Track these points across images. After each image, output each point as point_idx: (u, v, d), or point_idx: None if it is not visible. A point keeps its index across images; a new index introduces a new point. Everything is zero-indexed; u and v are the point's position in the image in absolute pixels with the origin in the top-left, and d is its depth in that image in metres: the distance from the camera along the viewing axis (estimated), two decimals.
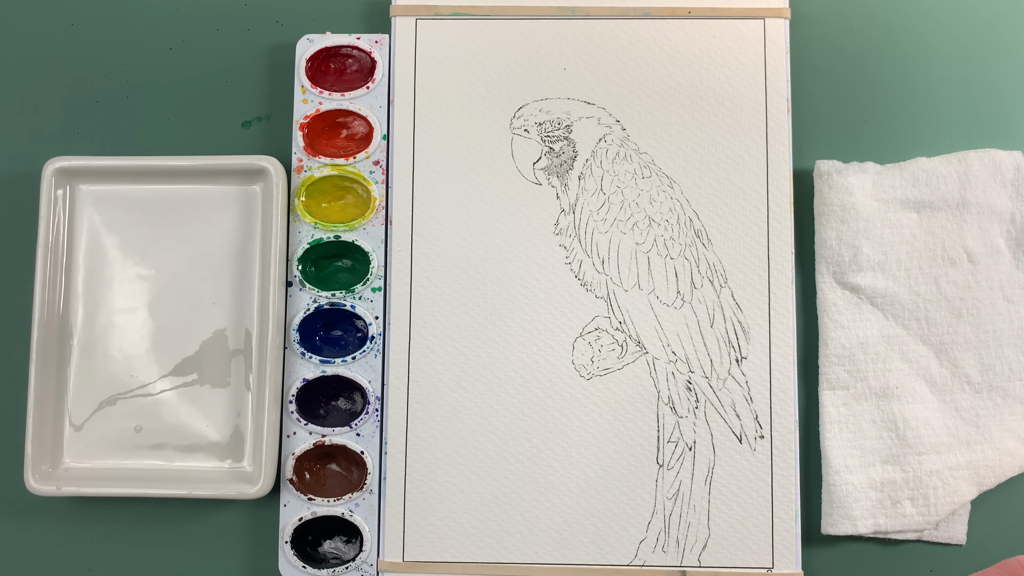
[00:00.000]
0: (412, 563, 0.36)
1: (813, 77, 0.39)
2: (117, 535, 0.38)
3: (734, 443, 0.36)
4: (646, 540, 0.36)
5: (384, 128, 0.38)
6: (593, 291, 0.37)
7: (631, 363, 0.37)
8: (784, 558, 0.35)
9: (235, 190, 0.38)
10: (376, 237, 0.38)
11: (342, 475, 0.37)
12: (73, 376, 0.38)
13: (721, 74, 0.37)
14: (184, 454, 0.37)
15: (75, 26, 0.40)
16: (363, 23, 0.39)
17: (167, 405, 0.37)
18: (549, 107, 0.37)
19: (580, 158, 0.37)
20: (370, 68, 0.38)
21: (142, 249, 0.38)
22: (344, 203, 0.38)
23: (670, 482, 0.36)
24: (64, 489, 0.36)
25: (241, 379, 0.37)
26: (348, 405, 0.38)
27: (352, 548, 0.37)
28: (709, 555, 0.36)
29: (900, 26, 0.39)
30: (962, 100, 0.38)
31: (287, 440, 0.37)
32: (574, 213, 0.37)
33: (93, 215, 0.38)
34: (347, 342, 0.38)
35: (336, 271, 0.38)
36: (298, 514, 0.36)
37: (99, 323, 0.38)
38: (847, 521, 0.35)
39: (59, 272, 0.37)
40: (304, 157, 0.38)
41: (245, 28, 0.40)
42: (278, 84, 0.39)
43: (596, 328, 0.37)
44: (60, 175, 0.37)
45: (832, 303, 0.37)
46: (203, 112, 0.39)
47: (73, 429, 0.37)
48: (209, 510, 0.38)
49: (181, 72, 0.40)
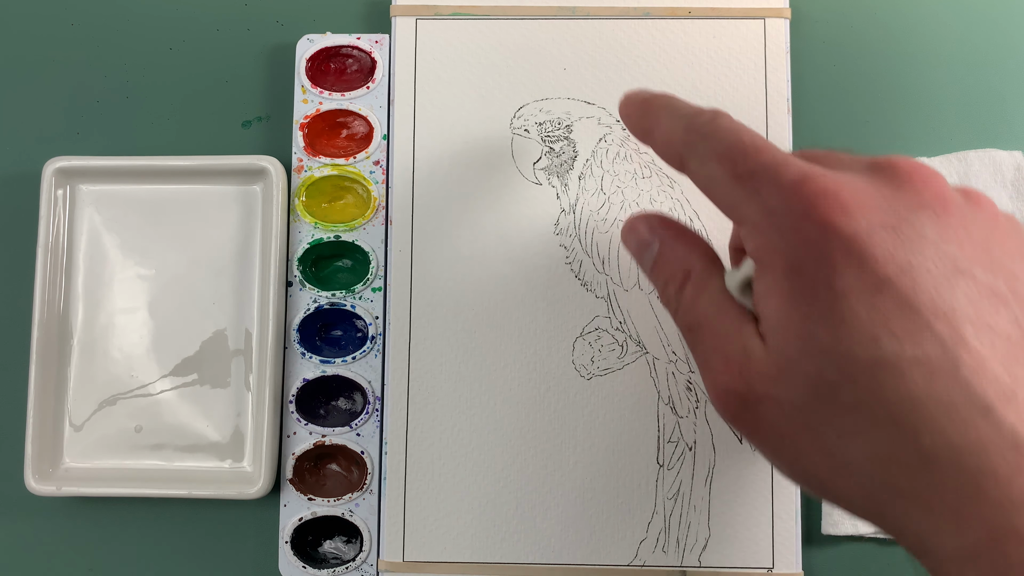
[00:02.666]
0: (412, 563, 0.36)
1: (813, 77, 0.39)
2: (117, 535, 0.38)
3: (734, 443, 0.36)
4: (646, 540, 0.36)
5: (384, 128, 0.38)
6: (593, 291, 0.37)
7: (631, 363, 0.37)
8: (784, 558, 0.35)
9: (235, 190, 0.38)
10: (376, 237, 0.38)
11: (342, 475, 0.37)
12: (73, 376, 0.38)
13: (721, 74, 0.37)
14: (184, 454, 0.37)
15: (75, 26, 0.40)
16: (363, 23, 0.39)
17: (167, 405, 0.37)
18: (549, 107, 0.37)
19: (580, 158, 0.37)
20: (370, 68, 0.38)
21: (142, 249, 0.38)
22: (344, 203, 0.38)
23: (670, 482, 0.36)
24: (64, 489, 0.36)
25: (241, 379, 0.37)
26: (348, 405, 0.38)
27: (352, 548, 0.37)
28: (709, 555, 0.36)
29: (900, 26, 0.39)
30: (962, 100, 0.38)
31: (287, 440, 0.37)
32: (574, 213, 0.37)
33: (93, 215, 0.38)
34: (347, 342, 0.38)
35: (336, 271, 0.38)
36: (298, 514, 0.37)
37: (99, 323, 0.38)
38: (847, 521, 0.35)
39: (59, 272, 0.38)
40: (304, 157, 0.38)
41: (245, 28, 0.40)
42: (278, 84, 0.39)
43: (596, 328, 0.37)
44: (60, 175, 0.37)
45: None
46: (203, 112, 0.39)
47: (73, 429, 0.37)
48: (209, 510, 0.38)
49: (181, 72, 0.40)
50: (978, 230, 0.23)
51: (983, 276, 0.22)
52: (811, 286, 0.23)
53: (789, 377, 0.23)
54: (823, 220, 0.22)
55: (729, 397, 0.24)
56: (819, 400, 0.23)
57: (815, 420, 0.23)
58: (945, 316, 0.21)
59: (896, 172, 0.24)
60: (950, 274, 0.22)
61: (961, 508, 0.21)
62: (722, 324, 0.25)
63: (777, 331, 0.23)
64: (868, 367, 0.22)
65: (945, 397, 0.21)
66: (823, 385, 0.22)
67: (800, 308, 0.23)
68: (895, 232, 0.22)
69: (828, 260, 0.22)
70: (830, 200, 0.23)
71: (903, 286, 0.22)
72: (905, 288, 0.22)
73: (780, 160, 0.24)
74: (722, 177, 0.25)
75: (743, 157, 0.24)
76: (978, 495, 0.21)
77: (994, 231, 0.23)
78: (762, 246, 0.24)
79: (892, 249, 0.22)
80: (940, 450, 0.21)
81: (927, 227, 0.23)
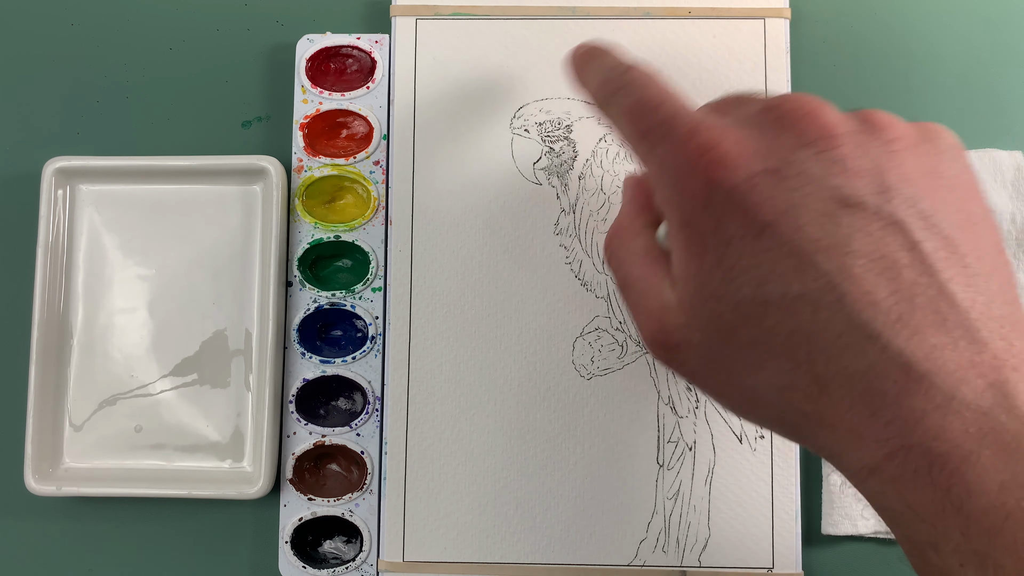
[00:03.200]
0: (412, 563, 0.36)
1: (813, 77, 0.39)
2: (117, 535, 0.38)
3: (734, 443, 0.36)
4: (646, 540, 0.36)
5: (384, 128, 0.38)
6: (593, 291, 0.37)
7: (631, 363, 0.37)
8: (784, 558, 0.35)
9: (235, 190, 0.38)
10: (376, 237, 0.38)
11: (342, 475, 0.37)
12: (73, 376, 0.38)
13: (721, 74, 0.37)
14: (184, 454, 0.37)
15: (75, 26, 0.40)
16: (363, 23, 0.39)
17: (167, 405, 0.37)
18: (549, 107, 0.37)
19: (580, 158, 0.37)
20: (370, 68, 0.38)
21: (142, 249, 0.38)
22: (344, 203, 0.38)
23: (670, 482, 0.36)
24: (64, 489, 0.36)
25: (241, 379, 0.37)
26: (348, 405, 0.38)
27: (352, 548, 0.37)
28: (709, 555, 0.36)
29: (900, 26, 0.39)
30: (962, 100, 0.38)
31: (287, 440, 0.37)
32: (574, 213, 0.37)
33: (93, 215, 0.38)
34: (347, 342, 0.38)
35: (336, 271, 0.38)
36: (298, 514, 0.37)
37: (99, 323, 0.38)
38: (847, 521, 0.35)
39: (59, 272, 0.38)
40: (304, 157, 0.38)
41: (245, 28, 0.40)
42: (278, 84, 0.39)
43: (596, 328, 0.37)
44: (60, 175, 0.37)
45: None
46: (203, 112, 0.39)
47: (73, 429, 0.37)
48: (209, 510, 0.38)
49: (181, 72, 0.40)
50: (871, 158, 0.23)
51: (874, 204, 0.23)
52: (701, 237, 0.24)
53: (694, 323, 0.25)
54: (705, 174, 0.24)
55: (654, 347, 0.26)
56: (721, 341, 0.24)
57: (722, 359, 0.25)
58: (829, 251, 0.22)
59: (782, 113, 0.24)
60: (835, 209, 0.23)
61: (858, 428, 0.22)
62: (644, 280, 0.27)
63: (680, 281, 0.25)
64: (757, 307, 0.23)
65: (832, 328, 0.22)
66: (723, 327, 0.24)
67: (696, 258, 0.24)
68: (776, 176, 0.23)
69: (713, 212, 0.24)
70: (711, 153, 0.24)
71: (784, 228, 0.23)
72: (787, 229, 0.23)
73: (675, 114, 0.25)
74: (630, 133, 0.26)
75: (645, 112, 0.25)
76: (872, 416, 0.22)
77: (892, 155, 0.23)
78: (663, 199, 0.25)
79: (772, 193, 0.23)
80: (833, 377, 0.22)
81: (810, 165, 0.23)
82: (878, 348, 0.22)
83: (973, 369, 0.22)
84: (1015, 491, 0.21)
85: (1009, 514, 0.21)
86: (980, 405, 0.21)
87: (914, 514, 0.22)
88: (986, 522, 0.21)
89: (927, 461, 0.21)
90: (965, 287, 0.22)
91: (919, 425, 0.22)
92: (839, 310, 0.22)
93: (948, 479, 0.21)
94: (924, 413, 0.21)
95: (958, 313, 0.22)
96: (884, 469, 0.22)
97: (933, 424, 0.21)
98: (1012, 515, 0.21)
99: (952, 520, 0.21)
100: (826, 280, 0.22)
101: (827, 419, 0.23)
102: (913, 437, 0.22)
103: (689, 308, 0.25)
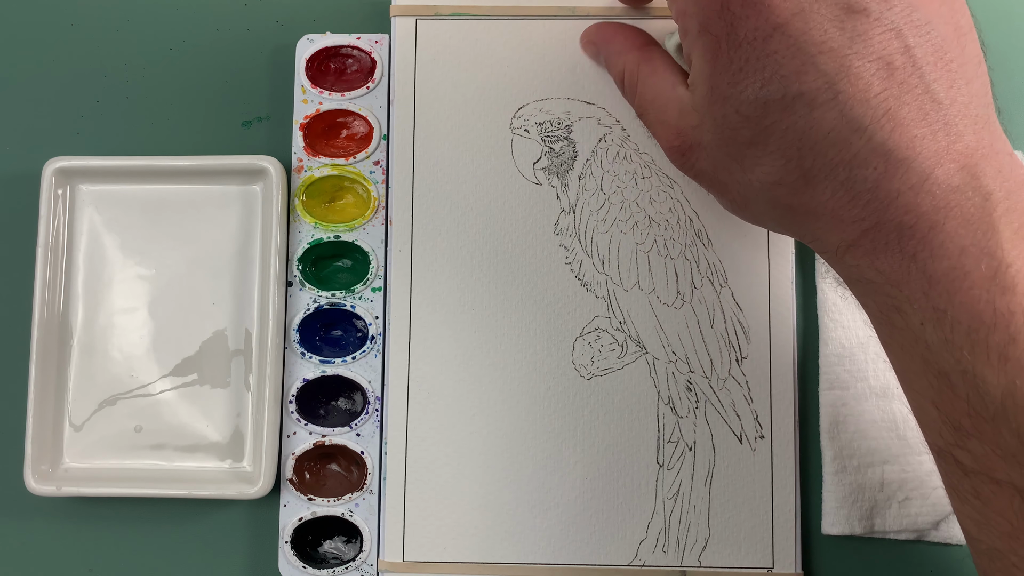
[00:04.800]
0: (412, 563, 0.36)
1: None
2: (117, 535, 0.38)
3: (734, 443, 0.36)
4: (646, 540, 0.36)
5: (384, 128, 0.38)
6: (593, 291, 0.37)
7: (631, 363, 0.37)
8: (784, 558, 0.35)
9: (235, 190, 0.38)
10: (376, 237, 0.38)
11: (342, 475, 0.37)
12: (73, 376, 0.38)
13: None
14: (184, 454, 0.37)
15: (75, 26, 0.40)
16: (363, 23, 0.39)
17: (167, 405, 0.37)
18: (549, 107, 0.37)
19: (580, 158, 0.37)
20: (370, 68, 0.38)
21: (142, 249, 0.38)
22: (344, 203, 0.38)
23: (670, 482, 0.36)
24: (64, 489, 0.36)
25: (241, 379, 0.37)
26: (348, 405, 0.38)
27: (352, 548, 0.37)
28: (709, 555, 0.36)
29: None
30: None
31: (287, 440, 0.37)
32: (574, 213, 0.37)
33: (93, 215, 0.38)
34: (347, 342, 0.38)
35: (336, 271, 0.38)
36: (298, 514, 0.37)
37: (99, 323, 0.38)
38: (847, 521, 0.35)
39: (59, 272, 0.38)
40: (304, 157, 0.38)
41: (245, 28, 0.40)
42: (278, 84, 0.39)
43: (596, 328, 0.37)
44: (60, 175, 0.37)
45: (832, 303, 0.37)
46: (203, 112, 0.39)
47: (73, 429, 0.37)
48: (209, 510, 0.38)
49: (181, 72, 0.40)
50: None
51: (877, 11, 0.24)
52: (716, 41, 0.26)
53: (705, 124, 0.28)
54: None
55: (673, 153, 0.30)
56: (726, 141, 0.27)
57: (726, 157, 0.27)
58: (831, 52, 0.24)
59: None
60: (841, 14, 0.24)
61: (839, 212, 0.25)
62: (660, 98, 0.30)
63: (695, 85, 0.28)
64: (759, 108, 0.26)
65: (824, 124, 0.25)
66: (727, 127, 0.27)
67: (709, 62, 0.26)
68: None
69: (728, 16, 0.25)
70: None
71: (794, 28, 0.25)
72: (796, 30, 0.25)
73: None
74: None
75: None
76: (851, 200, 0.25)
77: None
78: (680, 11, 0.28)
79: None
80: (818, 169, 0.25)
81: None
82: (864, 139, 0.24)
83: (947, 155, 0.24)
84: (973, 254, 0.23)
85: (967, 274, 0.23)
86: (950, 184, 0.24)
87: (884, 279, 0.25)
88: (946, 282, 0.24)
89: (898, 233, 0.24)
90: (948, 88, 0.25)
91: (893, 203, 0.24)
92: (833, 107, 0.24)
93: (915, 246, 0.24)
94: (899, 193, 0.24)
95: (939, 109, 0.24)
96: (860, 244, 0.25)
97: (906, 201, 0.24)
98: (969, 275, 0.23)
99: (917, 282, 0.24)
100: (825, 80, 0.24)
101: (810, 208, 0.26)
102: (887, 214, 0.24)
103: (701, 110, 0.27)
